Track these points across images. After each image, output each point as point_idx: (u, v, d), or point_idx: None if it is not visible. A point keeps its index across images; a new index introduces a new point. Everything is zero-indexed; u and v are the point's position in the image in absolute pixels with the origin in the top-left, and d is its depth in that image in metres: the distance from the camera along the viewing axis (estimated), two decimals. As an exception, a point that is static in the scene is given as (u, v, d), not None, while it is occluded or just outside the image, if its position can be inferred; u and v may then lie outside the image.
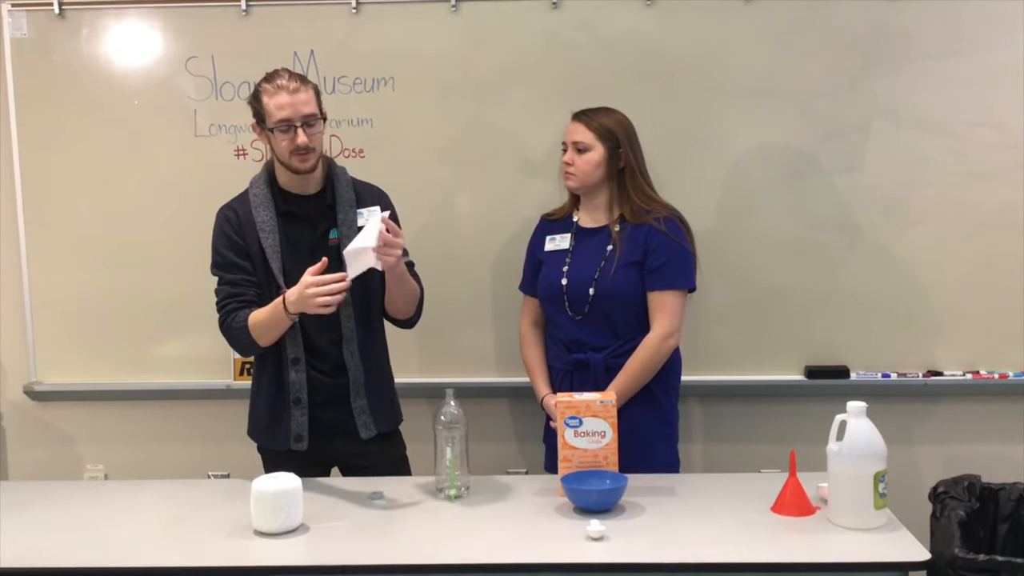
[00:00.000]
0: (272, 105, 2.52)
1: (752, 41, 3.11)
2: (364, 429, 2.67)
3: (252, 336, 2.55)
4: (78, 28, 3.19)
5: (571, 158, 2.76)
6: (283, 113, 2.51)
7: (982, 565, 2.47)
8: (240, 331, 2.56)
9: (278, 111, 2.51)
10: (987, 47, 3.08)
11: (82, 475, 3.37)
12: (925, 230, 3.15)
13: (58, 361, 3.32)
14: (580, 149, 2.74)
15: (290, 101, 2.51)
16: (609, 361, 2.73)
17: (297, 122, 2.51)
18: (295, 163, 2.55)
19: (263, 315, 2.53)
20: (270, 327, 2.53)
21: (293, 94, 2.51)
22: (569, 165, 2.76)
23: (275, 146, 2.57)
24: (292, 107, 2.51)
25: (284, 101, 2.51)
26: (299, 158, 2.55)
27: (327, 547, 2.20)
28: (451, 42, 3.15)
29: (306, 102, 2.53)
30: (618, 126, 2.75)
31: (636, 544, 2.16)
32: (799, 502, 2.31)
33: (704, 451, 3.28)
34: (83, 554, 2.19)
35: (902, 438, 3.16)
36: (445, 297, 3.16)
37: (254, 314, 2.54)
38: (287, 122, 2.51)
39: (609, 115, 2.77)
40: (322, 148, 2.62)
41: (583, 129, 2.75)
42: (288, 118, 2.51)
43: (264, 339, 2.56)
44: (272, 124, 2.52)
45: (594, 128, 2.74)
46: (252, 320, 2.54)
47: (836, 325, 3.19)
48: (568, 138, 2.78)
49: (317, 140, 2.57)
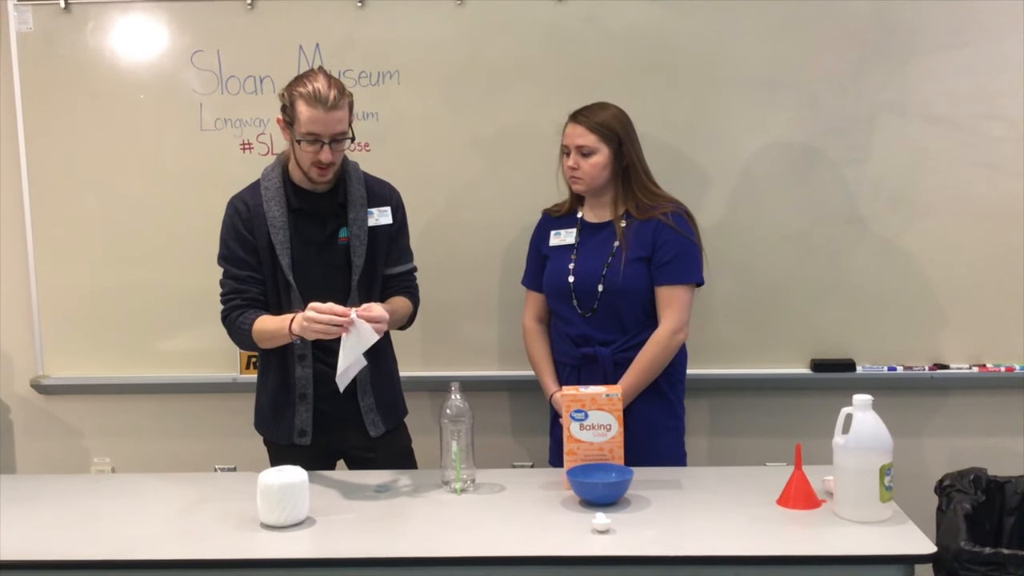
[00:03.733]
0: (305, 116, 2.46)
1: (758, 33, 3.10)
2: (372, 427, 2.68)
3: (254, 340, 2.57)
4: (84, 22, 3.19)
5: (576, 162, 2.72)
6: (314, 128, 2.46)
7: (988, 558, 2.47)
8: (244, 333, 2.57)
9: (309, 124, 2.46)
10: (994, 38, 3.07)
11: (89, 468, 3.39)
12: (931, 222, 3.15)
13: (65, 354, 3.33)
14: (584, 153, 2.71)
15: (324, 118, 2.45)
16: (618, 355, 2.72)
17: (326, 139, 2.48)
18: (314, 174, 2.54)
19: (269, 325, 2.53)
20: (273, 338, 2.55)
21: (329, 111, 2.45)
22: (575, 169, 2.73)
23: (297, 152, 2.54)
24: (325, 124, 2.46)
25: (319, 116, 2.45)
26: (319, 171, 2.53)
27: (333, 540, 2.21)
28: (456, 35, 3.15)
29: (339, 120, 2.48)
30: (617, 123, 2.71)
31: (642, 537, 2.17)
32: (805, 495, 2.31)
33: (710, 444, 3.28)
34: (90, 547, 2.20)
35: (908, 431, 3.16)
36: (449, 291, 3.17)
37: (261, 320, 2.55)
38: (315, 136, 2.48)
39: (606, 111, 2.73)
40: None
41: (584, 131, 2.70)
42: (317, 133, 2.48)
43: (265, 345, 2.59)
44: (300, 135, 2.49)
45: (595, 129, 2.69)
46: (258, 326, 2.55)
47: (842, 318, 3.19)
48: (569, 142, 2.73)
49: (340, 156, 2.55)
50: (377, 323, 2.37)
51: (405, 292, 2.72)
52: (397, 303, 2.66)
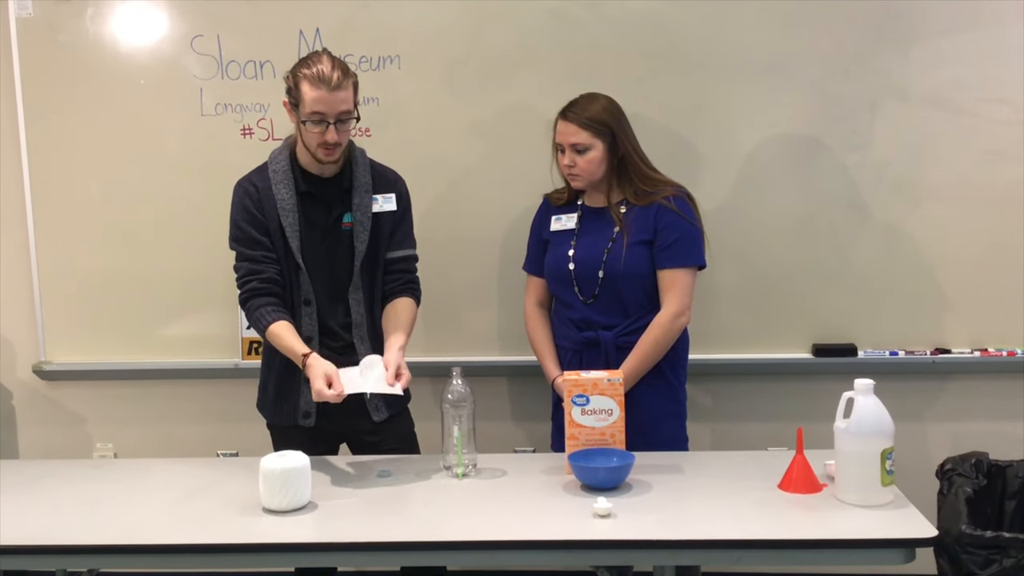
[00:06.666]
0: (309, 97, 2.47)
1: (761, 19, 3.09)
2: (375, 412, 2.68)
3: (267, 339, 2.60)
4: (83, 7, 3.18)
5: (572, 160, 2.70)
6: (319, 107, 2.47)
7: (989, 542, 2.48)
8: (260, 327, 2.59)
9: (314, 104, 2.47)
10: (998, 22, 3.06)
11: (91, 454, 3.39)
12: (934, 208, 3.14)
13: (67, 340, 3.33)
14: (579, 150, 2.70)
15: (328, 98, 2.46)
16: (620, 339, 2.72)
17: (331, 119, 2.49)
18: (320, 155, 2.55)
19: (283, 341, 2.54)
20: (282, 351, 2.57)
21: (333, 91, 2.46)
22: (572, 167, 2.71)
23: (304, 133, 2.55)
24: (329, 104, 2.47)
25: (323, 96, 2.46)
26: (325, 152, 2.54)
27: (335, 524, 2.21)
28: (457, 20, 3.14)
29: (344, 100, 2.49)
30: (609, 115, 2.69)
31: (643, 521, 2.17)
32: (806, 479, 2.31)
33: (711, 429, 3.28)
34: (93, 532, 2.20)
35: (910, 415, 3.16)
36: (450, 276, 3.17)
37: (279, 328, 2.55)
38: (320, 116, 2.49)
39: (595, 103, 2.70)
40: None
41: (576, 129, 2.68)
42: (322, 113, 2.48)
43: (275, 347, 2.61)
44: (305, 115, 2.50)
45: (588, 125, 2.67)
46: (273, 331, 2.55)
47: (844, 303, 3.19)
48: (563, 140, 2.71)
49: (346, 136, 2.56)
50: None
51: (407, 289, 2.72)
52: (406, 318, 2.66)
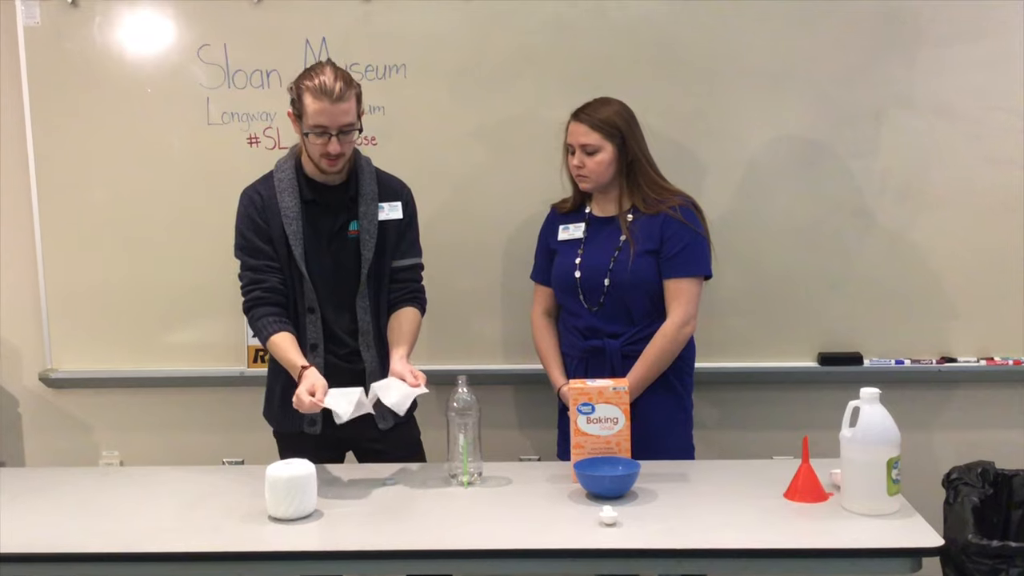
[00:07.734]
0: (311, 109, 2.49)
1: (766, 26, 3.09)
2: (381, 420, 2.68)
3: (268, 348, 2.62)
4: (91, 16, 3.19)
5: (581, 161, 2.71)
6: (321, 119, 2.49)
7: (995, 551, 2.47)
8: (262, 338, 2.61)
9: (316, 116, 2.49)
10: (1002, 31, 3.05)
11: (98, 462, 3.39)
12: (939, 215, 3.14)
13: (73, 348, 3.34)
14: (589, 151, 2.71)
15: (331, 110, 2.48)
16: (626, 348, 2.72)
17: (333, 131, 2.50)
18: (323, 165, 2.56)
19: (283, 353, 2.56)
20: (281, 363, 2.59)
21: (335, 103, 2.48)
22: (580, 168, 2.73)
23: (307, 144, 2.56)
24: (331, 116, 2.49)
25: (325, 108, 2.48)
26: (328, 162, 2.55)
27: (341, 532, 2.22)
28: (463, 28, 3.15)
29: (346, 112, 2.50)
30: (620, 119, 2.71)
31: (649, 530, 2.17)
32: (812, 488, 2.31)
33: (717, 438, 3.27)
34: (99, 540, 2.21)
35: (916, 424, 3.15)
36: (455, 284, 3.17)
37: (280, 339, 2.57)
38: (323, 128, 2.50)
39: (607, 107, 2.72)
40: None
41: (587, 130, 2.69)
42: (324, 125, 2.50)
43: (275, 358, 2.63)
44: (308, 127, 2.51)
45: (598, 127, 2.69)
46: (274, 341, 2.57)
47: (849, 311, 3.18)
48: (573, 140, 2.73)
49: (349, 147, 2.57)
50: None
51: (412, 299, 2.73)
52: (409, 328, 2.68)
